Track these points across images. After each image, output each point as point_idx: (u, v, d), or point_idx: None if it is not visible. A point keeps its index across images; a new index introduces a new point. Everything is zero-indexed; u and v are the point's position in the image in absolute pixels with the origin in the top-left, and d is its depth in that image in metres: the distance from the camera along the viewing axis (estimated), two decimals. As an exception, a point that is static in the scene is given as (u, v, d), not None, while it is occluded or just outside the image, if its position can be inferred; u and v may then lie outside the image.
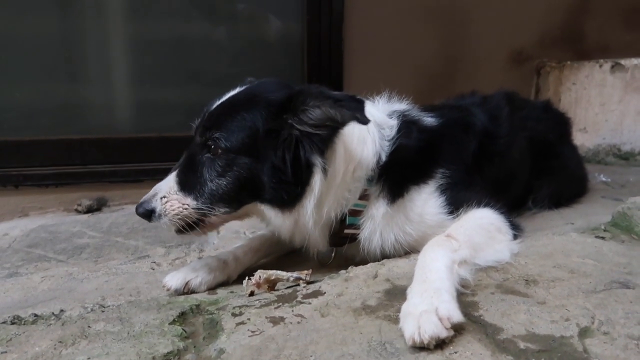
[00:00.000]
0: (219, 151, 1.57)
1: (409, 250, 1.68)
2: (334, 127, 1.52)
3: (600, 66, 3.56)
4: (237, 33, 3.41)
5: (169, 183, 1.62)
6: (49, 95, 2.97)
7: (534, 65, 4.00)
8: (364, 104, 1.47)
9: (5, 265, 1.98)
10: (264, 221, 1.72)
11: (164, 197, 1.60)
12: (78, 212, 2.82)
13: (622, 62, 3.45)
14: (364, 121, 1.42)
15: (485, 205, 1.67)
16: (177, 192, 1.60)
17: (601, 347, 1.08)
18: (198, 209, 1.59)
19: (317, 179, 1.54)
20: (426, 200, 1.67)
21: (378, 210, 1.65)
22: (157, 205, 1.59)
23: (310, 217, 1.58)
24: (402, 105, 1.83)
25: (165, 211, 1.59)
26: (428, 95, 2.38)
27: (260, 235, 1.94)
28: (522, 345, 1.11)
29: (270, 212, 1.61)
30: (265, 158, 1.54)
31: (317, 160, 1.54)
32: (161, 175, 2.98)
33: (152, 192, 1.63)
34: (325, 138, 1.53)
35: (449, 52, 3.74)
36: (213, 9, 3.34)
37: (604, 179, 2.90)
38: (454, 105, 2.09)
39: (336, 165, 1.58)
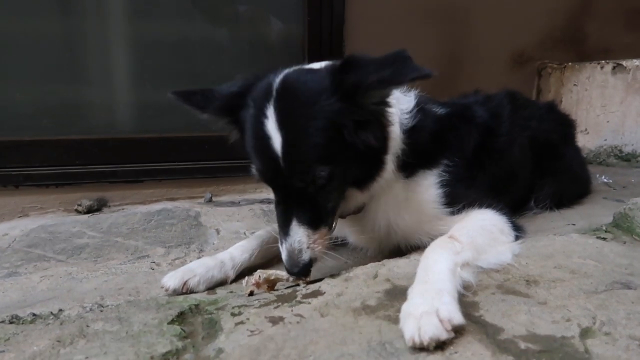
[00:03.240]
0: (324, 182, 1.48)
1: (400, 236, 1.70)
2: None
3: (602, 67, 3.55)
4: (238, 34, 3.41)
5: (301, 232, 1.51)
6: (50, 96, 2.96)
7: (535, 67, 3.99)
8: (408, 57, 1.43)
9: (4, 265, 1.97)
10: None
11: (309, 245, 1.53)
12: (78, 212, 2.81)
13: (624, 63, 3.44)
14: (428, 74, 1.36)
15: (488, 206, 1.67)
16: (314, 234, 1.53)
17: (603, 348, 1.07)
18: (332, 230, 1.61)
19: (392, 139, 1.59)
20: (427, 188, 1.67)
21: (397, 183, 1.66)
22: (309, 254, 1.53)
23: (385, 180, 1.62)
24: (413, 92, 1.84)
25: (316, 255, 1.55)
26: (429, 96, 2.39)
27: (258, 235, 1.93)
28: (522, 345, 1.10)
29: (353, 194, 1.63)
30: (353, 150, 1.49)
31: (394, 119, 1.57)
32: (162, 175, 3.05)
33: (292, 249, 1.51)
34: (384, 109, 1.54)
35: (450, 54, 3.74)
36: (214, 11, 3.34)
37: (605, 180, 2.89)
38: (457, 103, 2.09)
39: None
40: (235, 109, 1.57)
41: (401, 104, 1.71)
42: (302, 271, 1.52)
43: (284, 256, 1.52)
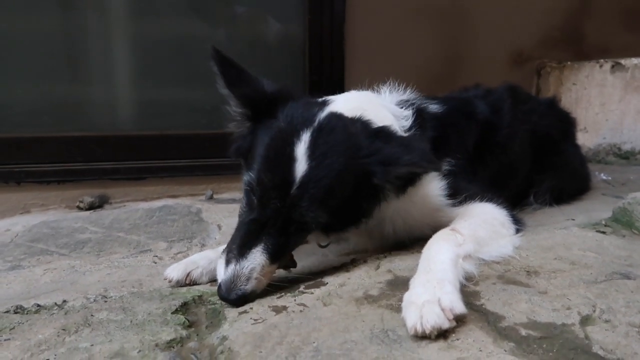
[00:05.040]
0: (315, 227, 1.49)
1: (412, 233, 1.70)
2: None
3: (601, 66, 3.57)
4: (239, 33, 3.43)
5: (259, 260, 1.40)
6: (51, 93, 2.98)
7: (535, 66, 4.01)
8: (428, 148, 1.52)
9: (7, 259, 1.98)
10: None
11: (257, 277, 1.41)
12: (80, 209, 2.82)
13: (622, 61, 3.46)
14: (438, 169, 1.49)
15: (489, 200, 1.68)
16: (269, 266, 1.43)
17: (603, 335, 1.09)
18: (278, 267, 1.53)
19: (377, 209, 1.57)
20: (429, 183, 1.67)
21: (390, 203, 1.63)
22: (254, 284, 1.40)
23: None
24: (407, 95, 1.83)
25: (258, 287, 1.42)
26: (430, 95, 2.40)
27: None
28: (523, 332, 1.11)
29: (317, 234, 1.61)
30: (348, 209, 1.51)
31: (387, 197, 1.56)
32: (163, 173, 3.05)
33: (240, 273, 1.39)
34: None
35: (450, 53, 3.76)
36: (215, 11, 3.35)
37: (604, 178, 2.90)
38: (457, 97, 2.11)
39: None
40: (261, 109, 1.55)
41: (399, 121, 1.69)
42: (237, 301, 1.38)
43: (225, 276, 1.39)
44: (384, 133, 1.54)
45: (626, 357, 1.00)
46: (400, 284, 1.38)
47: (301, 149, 1.42)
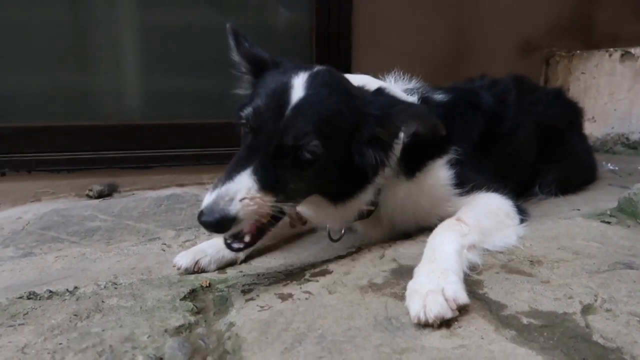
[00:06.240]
0: (309, 157, 1.39)
1: (420, 224, 1.71)
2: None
3: (610, 55, 3.54)
4: (246, 22, 3.43)
5: (245, 183, 1.32)
6: (61, 82, 3.00)
7: (543, 55, 3.98)
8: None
9: (19, 246, 2.02)
10: (306, 208, 1.68)
11: (244, 198, 1.32)
12: (89, 197, 2.86)
13: (632, 51, 3.42)
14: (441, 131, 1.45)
15: (494, 190, 1.69)
16: (257, 191, 1.33)
17: (603, 323, 1.10)
18: (273, 206, 1.38)
19: (381, 174, 1.56)
20: (437, 172, 1.69)
21: (400, 187, 1.66)
22: (237, 208, 1.30)
23: (361, 206, 1.61)
24: (413, 84, 1.84)
25: (245, 214, 1.32)
26: (436, 84, 2.40)
27: None
28: (525, 320, 1.13)
29: (323, 203, 1.59)
30: (347, 157, 1.48)
31: (391, 160, 1.54)
32: (171, 162, 3.09)
33: (225, 194, 1.30)
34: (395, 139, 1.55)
35: (458, 42, 3.74)
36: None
37: (611, 168, 2.89)
38: (462, 88, 2.11)
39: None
40: (263, 66, 1.60)
41: None
42: (217, 223, 1.28)
43: (207, 201, 1.31)
44: (383, 91, 1.57)
45: (626, 345, 1.02)
46: (404, 273, 1.40)
47: (299, 82, 1.44)
